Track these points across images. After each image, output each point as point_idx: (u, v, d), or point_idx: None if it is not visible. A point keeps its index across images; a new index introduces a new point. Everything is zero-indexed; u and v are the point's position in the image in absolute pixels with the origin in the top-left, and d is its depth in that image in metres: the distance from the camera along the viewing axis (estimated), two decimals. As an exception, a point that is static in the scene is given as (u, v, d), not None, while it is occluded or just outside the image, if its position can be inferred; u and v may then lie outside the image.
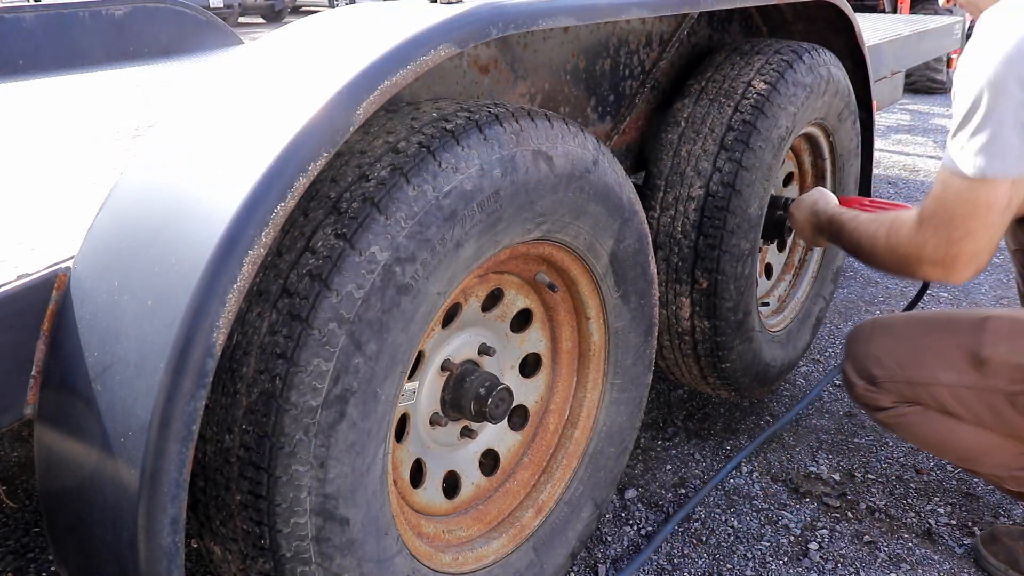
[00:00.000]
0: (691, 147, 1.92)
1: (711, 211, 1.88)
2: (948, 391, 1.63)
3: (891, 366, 1.68)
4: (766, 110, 1.90)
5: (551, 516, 1.62)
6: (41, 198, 1.40)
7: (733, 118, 1.90)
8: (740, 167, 1.87)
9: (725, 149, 1.88)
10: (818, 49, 2.13)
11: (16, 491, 2.12)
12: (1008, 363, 1.57)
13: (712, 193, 1.88)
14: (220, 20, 3.44)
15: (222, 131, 1.08)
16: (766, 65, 1.97)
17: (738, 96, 1.92)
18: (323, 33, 1.23)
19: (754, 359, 2.14)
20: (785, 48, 2.04)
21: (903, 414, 1.71)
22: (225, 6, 13.53)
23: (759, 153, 1.89)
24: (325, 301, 1.05)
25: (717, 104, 1.93)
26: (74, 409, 0.98)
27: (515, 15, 1.25)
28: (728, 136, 1.89)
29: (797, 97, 1.99)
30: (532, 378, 1.65)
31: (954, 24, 4.68)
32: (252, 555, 1.11)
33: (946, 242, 1.43)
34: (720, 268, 1.90)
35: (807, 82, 2.03)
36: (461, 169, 1.17)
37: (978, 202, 1.37)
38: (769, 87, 1.93)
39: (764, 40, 2.13)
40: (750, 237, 1.95)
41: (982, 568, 1.81)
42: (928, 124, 6.47)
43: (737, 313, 1.99)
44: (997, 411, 1.61)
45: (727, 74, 1.98)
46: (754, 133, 1.88)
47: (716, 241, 1.88)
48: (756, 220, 1.96)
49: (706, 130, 1.91)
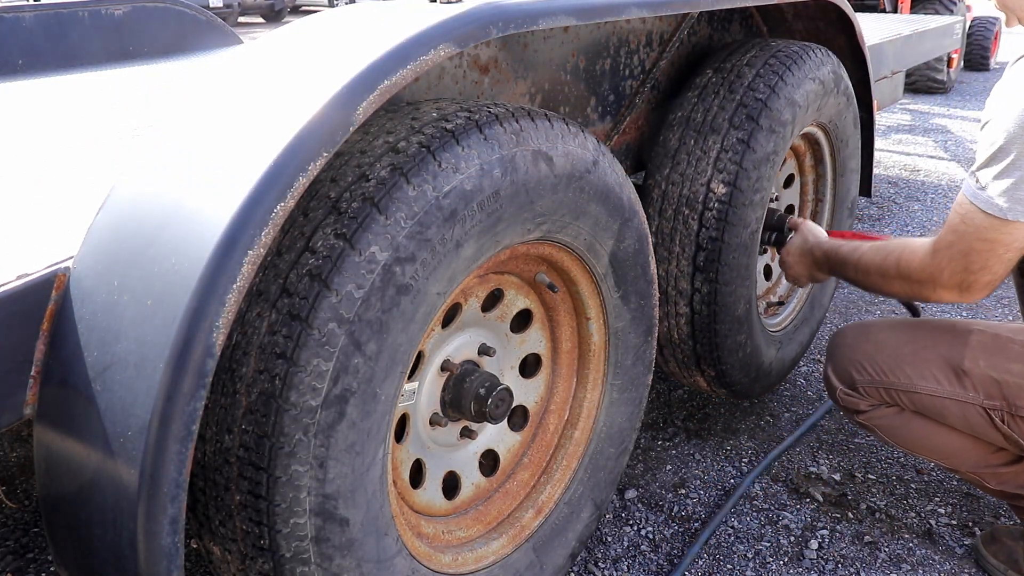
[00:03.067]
0: (691, 147, 1.92)
1: (712, 211, 1.88)
2: (926, 398, 1.67)
3: (871, 371, 1.71)
4: (767, 110, 1.90)
5: (551, 517, 1.62)
6: (41, 198, 1.40)
7: (734, 118, 1.90)
8: (741, 166, 1.87)
9: (726, 149, 1.88)
10: (819, 49, 2.13)
11: (16, 491, 2.12)
12: (987, 378, 1.60)
13: (713, 192, 1.87)
14: (220, 20, 3.44)
15: (222, 131, 1.08)
16: (766, 65, 1.97)
17: (739, 96, 1.92)
18: (323, 33, 1.23)
19: (754, 359, 2.14)
20: (785, 48, 2.04)
21: (881, 416, 1.74)
22: (225, 6, 13.53)
23: (760, 153, 1.89)
24: (325, 301, 1.05)
25: (718, 104, 1.93)
26: (74, 409, 0.98)
27: (515, 15, 1.25)
28: (729, 136, 1.89)
29: (797, 97, 1.98)
30: (532, 378, 1.65)
31: (954, 24, 4.68)
32: (251, 555, 1.11)
33: (963, 271, 1.49)
34: (720, 267, 1.90)
35: (807, 82, 2.02)
36: (461, 169, 1.17)
37: (998, 240, 1.44)
38: (769, 87, 1.93)
39: (764, 40, 2.12)
40: (750, 238, 1.94)
41: (982, 568, 1.81)
42: (928, 124, 6.47)
43: (737, 312, 1.99)
44: (972, 423, 1.64)
45: (728, 74, 1.98)
46: (756, 132, 1.88)
47: (717, 240, 1.88)
48: (756, 221, 1.96)
49: (707, 129, 1.91)
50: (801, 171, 2.42)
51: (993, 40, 8.59)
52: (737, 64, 1.99)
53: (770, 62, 1.98)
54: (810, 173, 2.43)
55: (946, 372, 1.64)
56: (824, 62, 2.11)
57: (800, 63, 2.01)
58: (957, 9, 7.48)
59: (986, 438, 1.66)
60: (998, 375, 1.59)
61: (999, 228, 1.43)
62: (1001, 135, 1.40)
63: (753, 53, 2.02)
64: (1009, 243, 1.44)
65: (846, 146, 2.39)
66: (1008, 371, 1.59)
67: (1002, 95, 1.44)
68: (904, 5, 7.33)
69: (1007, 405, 1.59)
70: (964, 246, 1.48)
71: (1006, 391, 1.59)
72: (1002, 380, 1.59)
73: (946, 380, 1.64)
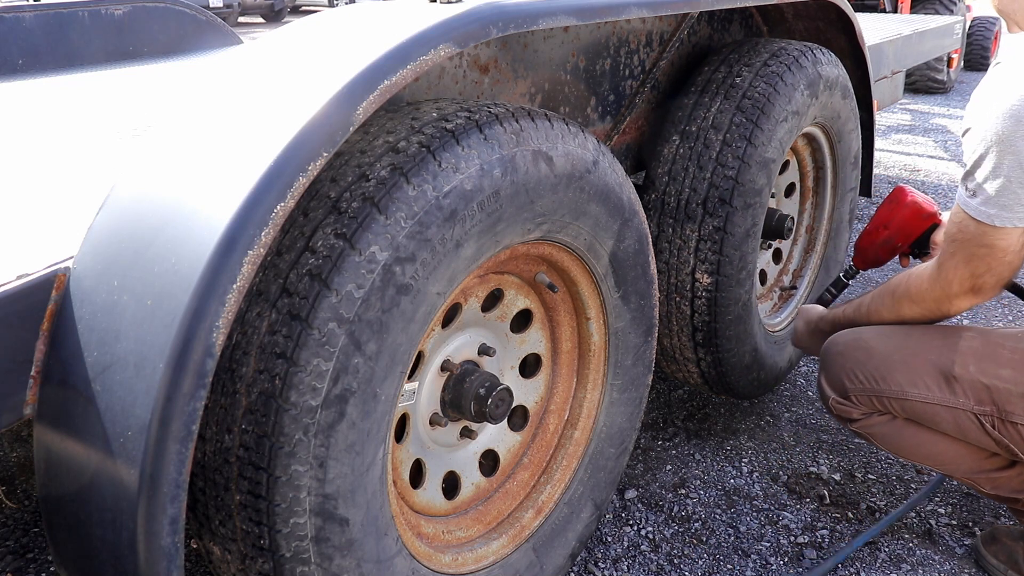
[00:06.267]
0: (692, 147, 1.92)
1: (712, 210, 1.88)
2: (917, 405, 1.66)
3: (863, 379, 1.71)
4: (767, 110, 1.90)
5: (551, 517, 1.62)
6: (41, 198, 1.40)
7: (735, 118, 1.90)
8: (742, 165, 1.87)
9: (727, 146, 1.88)
10: (819, 49, 2.13)
11: (16, 491, 2.12)
12: (977, 383, 1.60)
13: (714, 190, 1.87)
14: (220, 20, 3.44)
15: (222, 131, 1.08)
16: (767, 65, 1.97)
17: (739, 96, 1.92)
18: (323, 33, 1.23)
19: (754, 359, 2.14)
20: (786, 48, 2.04)
21: (873, 423, 1.74)
22: (225, 6, 13.53)
23: (760, 153, 1.89)
24: (325, 301, 1.05)
25: (718, 104, 1.93)
26: (74, 409, 0.98)
27: (515, 15, 1.25)
28: (729, 135, 1.89)
29: (797, 97, 1.98)
30: (532, 378, 1.65)
31: (954, 24, 4.68)
32: (251, 555, 1.11)
33: (970, 277, 1.52)
34: (721, 266, 1.90)
35: (808, 82, 2.02)
36: (461, 169, 1.17)
37: (994, 246, 1.46)
38: (770, 87, 1.93)
39: (765, 40, 2.12)
40: (751, 237, 1.94)
41: (982, 568, 1.81)
42: (928, 124, 6.47)
43: (737, 312, 1.99)
44: (964, 428, 1.64)
45: (728, 74, 1.98)
46: (756, 132, 1.88)
47: (718, 239, 1.88)
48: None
49: (708, 129, 1.91)
50: (801, 170, 2.42)
51: (993, 40, 8.59)
52: (738, 64, 1.99)
53: (770, 62, 1.98)
54: (810, 172, 2.43)
55: (936, 378, 1.63)
56: (824, 62, 2.11)
57: (800, 63, 2.02)
58: (957, 9, 7.49)
59: (978, 444, 1.65)
60: (988, 380, 1.59)
61: (991, 234, 1.45)
62: (981, 143, 1.42)
63: (753, 53, 2.02)
64: (1005, 247, 1.45)
65: (845, 146, 2.39)
66: (998, 376, 1.58)
67: (980, 100, 1.45)
68: (904, 5, 7.33)
69: (997, 411, 1.59)
70: (965, 254, 1.50)
71: (996, 396, 1.58)
72: (992, 386, 1.58)
73: (936, 386, 1.63)
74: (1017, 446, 1.60)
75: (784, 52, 2.03)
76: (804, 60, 2.04)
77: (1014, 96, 1.38)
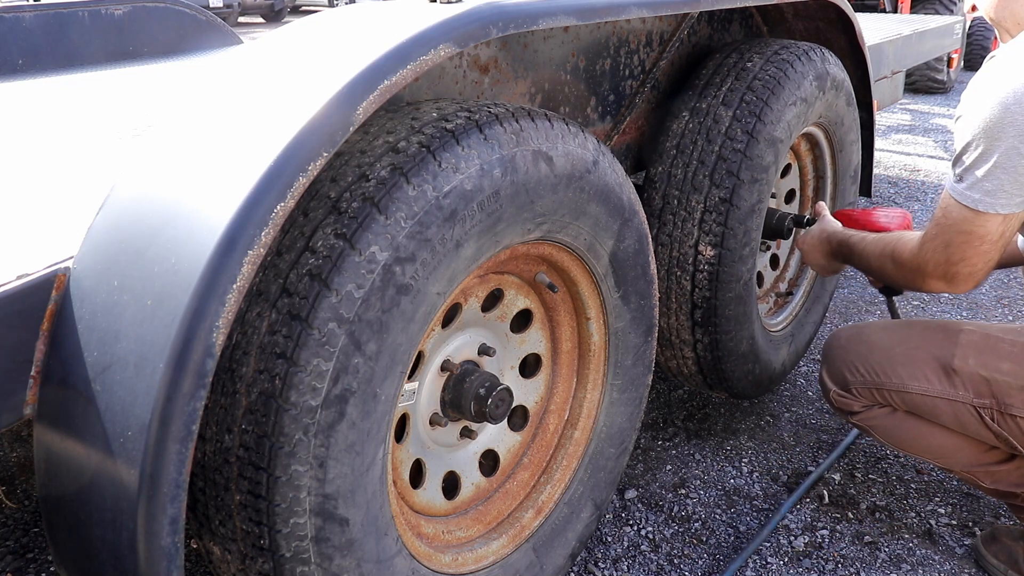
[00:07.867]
0: (702, 121, 1.92)
1: (719, 181, 1.88)
2: (917, 398, 1.68)
3: (864, 372, 1.74)
4: (767, 110, 1.90)
5: (551, 517, 1.62)
6: (41, 198, 1.40)
7: (745, 96, 1.90)
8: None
9: (737, 121, 1.88)
10: (819, 49, 2.13)
11: (16, 491, 2.12)
12: (976, 376, 1.62)
13: (722, 162, 1.87)
14: (220, 20, 3.44)
15: (221, 131, 1.08)
16: (767, 65, 1.97)
17: (750, 77, 1.93)
18: (323, 33, 1.23)
19: (750, 348, 2.13)
20: (786, 48, 2.05)
21: (874, 416, 1.76)
22: (225, 6, 13.52)
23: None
24: (325, 301, 1.05)
25: (729, 83, 1.93)
26: (74, 409, 0.98)
27: (515, 15, 1.25)
28: (740, 111, 1.89)
29: (806, 85, 1.99)
30: (532, 378, 1.65)
31: (954, 24, 4.68)
32: (251, 555, 1.11)
33: (945, 262, 1.53)
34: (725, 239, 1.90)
35: (816, 74, 2.03)
36: (461, 169, 1.17)
37: (973, 232, 1.47)
38: (780, 72, 1.93)
39: (765, 40, 2.13)
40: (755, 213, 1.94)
41: (982, 568, 1.81)
42: (928, 124, 6.47)
43: (738, 291, 1.98)
44: (963, 421, 1.66)
45: (739, 59, 1.98)
46: (765, 110, 1.88)
47: (723, 211, 1.88)
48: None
49: (718, 106, 1.91)
50: (801, 170, 2.42)
51: (993, 40, 8.58)
52: (738, 64, 1.99)
53: (770, 62, 1.99)
54: (810, 172, 2.43)
55: (936, 371, 1.66)
56: (824, 62, 2.11)
57: (800, 63, 2.02)
58: (957, 9, 7.48)
59: (978, 437, 1.67)
60: (988, 373, 1.61)
61: (972, 220, 1.46)
62: (970, 131, 1.45)
63: (753, 52, 2.03)
64: (983, 235, 1.47)
65: (846, 146, 2.39)
66: (998, 369, 1.61)
67: (973, 91, 1.48)
68: (904, 5, 7.33)
69: (997, 403, 1.60)
70: (945, 238, 1.52)
71: (996, 389, 1.60)
72: (992, 378, 1.61)
73: (937, 379, 1.66)
74: (1016, 439, 1.61)
75: (794, 46, 2.06)
76: (813, 55, 2.07)
77: (1005, 87, 1.40)
